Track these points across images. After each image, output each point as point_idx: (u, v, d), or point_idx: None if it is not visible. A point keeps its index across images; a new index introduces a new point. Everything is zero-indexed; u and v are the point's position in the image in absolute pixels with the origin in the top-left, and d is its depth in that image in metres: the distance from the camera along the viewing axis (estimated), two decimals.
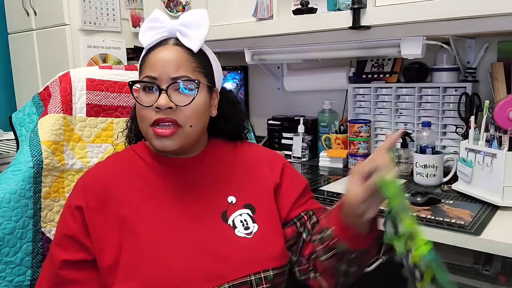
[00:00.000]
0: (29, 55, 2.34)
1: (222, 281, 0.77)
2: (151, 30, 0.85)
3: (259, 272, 0.80)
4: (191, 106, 0.81)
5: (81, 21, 2.11)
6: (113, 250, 0.78)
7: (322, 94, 1.87)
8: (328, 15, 1.37)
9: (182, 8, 1.77)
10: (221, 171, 0.91)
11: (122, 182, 0.85)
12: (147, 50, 0.86)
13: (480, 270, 1.08)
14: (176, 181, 0.86)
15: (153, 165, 0.88)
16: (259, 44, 1.65)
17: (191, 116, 0.82)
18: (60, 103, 1.00)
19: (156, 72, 0.81)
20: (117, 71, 1.10)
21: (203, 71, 0.85)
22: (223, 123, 0.95)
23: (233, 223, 0.84)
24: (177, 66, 0.81)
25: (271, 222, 0.87)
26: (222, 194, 0.87)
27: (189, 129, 0.82)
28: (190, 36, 0.83)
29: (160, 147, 0.82)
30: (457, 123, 1.47)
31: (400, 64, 1.67)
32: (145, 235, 0.79)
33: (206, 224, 0.83)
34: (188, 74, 0.82)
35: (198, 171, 0.89)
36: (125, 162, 0.89)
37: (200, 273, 0.77)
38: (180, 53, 0.83)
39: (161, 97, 0.80)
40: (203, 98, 0.84)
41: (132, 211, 0.81)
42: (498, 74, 1.39)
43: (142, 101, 0.82)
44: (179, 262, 0.77)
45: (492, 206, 1.15)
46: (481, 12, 1.12)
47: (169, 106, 0.79)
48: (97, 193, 0.82)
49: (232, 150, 0.96)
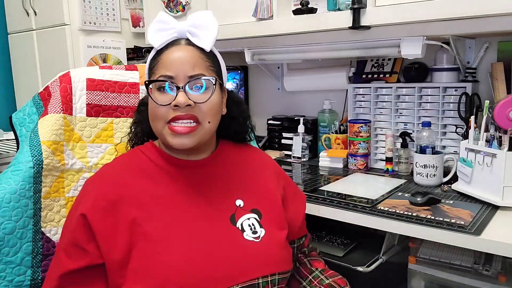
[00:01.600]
0: (29, 55, 2.34)
1: (231, 283, 0.77)
2: (160, 32, 0.86)
3: (266, 276, 0.81)
4: (209, 103, 0.83)
5: (81, 21, 2.11)
6: (123, 251, 0.77)
7: (322, 94, 1.87)
8: (328, 15, 1.37)
9: (182, 8, 1.77)
10: (230, 174, 0.92)
11: (131, 184, 0.84)
12: (158, 51, 0.86)
13: (480, 270, 1.08)
14: (187, 182, 0.86)
15: (163, 166, 0.87)
16: (259, 44, 1.65)
17: (209, 113, 0.83)
18: (60, 103, 1.01)
19: (172, 71, 0.82)
20: (117, 71, 1.10)
21: (215, 70, 0.87)
22: (230, 122, 0.96)
23: (241, 226, 0.85)
24: (193, 65, 0.83)
25: (277, 229, 0.88)
26: (230, 197, 0.88)
27: (207, 126, 0.84)
28: (201, 36, 0.85)
29: (176, 145, 0.82)
30: (457, 123, 1.47)
31: (400, 64, 1.67)
32: (155, 237, 0.79)
33: (216, 226, 0.83)
34: (204, 72, 0.83)
35: (208, 173, 0.89)
36: (134, 164, 0.88)
37: (209, 275, 0.77)
38: (194, 53, 0.84)
39: (180, 95, 0.80)
40: (217, 96, 0.86)
41: (142, 212, 0.81)
42: (498, 74, 1.39)
43: (157, 100, 0.82)
44: (189, 263, 0.77)
45: (492, 206, 1.15)
46: (481, 12, 1.12)
47: (188, 103, 0.80)
48: (107, 195, 0.81)
49: (240, 153, 0.97)
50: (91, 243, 0.78)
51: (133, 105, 1.10)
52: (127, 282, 0.76)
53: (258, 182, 0.94)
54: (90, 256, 0.78)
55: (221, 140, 0.96)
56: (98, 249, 0.78)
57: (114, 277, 0.78)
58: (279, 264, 0.84)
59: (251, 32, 1.57)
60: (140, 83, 1.11)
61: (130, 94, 1.10)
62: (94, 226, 0.79)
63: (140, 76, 1.12)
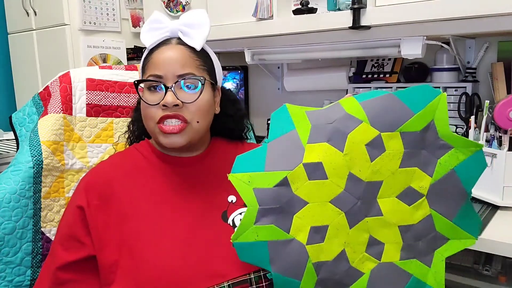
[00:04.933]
0: (29, 55, 2.34)
1: (222, 279, 0.77)
2: (153, 31, 0.86)
3: (258, 271, 0.80)
4: (197, 103, 0.83)
5: (81, 21, 2.11)
6: (114, 248, 0.78)
7: (322, 94, 1.87)
8: (328, 15, 1.37)
9: (182, 8, 1.78)
10: (223, 170, 0.91)
11: (124, 180, 0.85)
12: (150, 50, 0.87)
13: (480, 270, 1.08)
14: (179, 179, 0.87)
15: (156, 164, 0.88)
16: (259, 44, 1.65)
17: (197, 113, 0.83)
18: (60, 103, 1.00)
19: (161, 70, 0.82)
20: (117, 71, 1.10)
21: (206, 69, 0.87)
22: (225, 121, 0.96)
23: (232, 222, 0.85)
24: (182, 64, 0.83)
25: None
26: (223, 193, 0.88)
27: (196, 125, 0.84)
28: (192, 35, 0.85)
29: (167, 144, 0.83)
30: (457, 123, 1.47)
31: (400, 64, 1.67)
32: (146, 233, 0.79)
33: (207, 223, 0.83)
34: (193, 72, 0.83)
35: (201, 170, 0.89)
36: (128, 161, 0.89)
37: (200, 272, 0.77)
38: (184, 52, 0.84)
39: (168, 95, 0.81)
40: (208, 95, 0.86)
41: (134, 209, 0.82)
42: (498, 74, 1.39)
43: (148, 99, 0.83)
44: (180, 260, 0.77)
45: (492, 206, 1.15)
46: (481, 12, 1.12)
47: (175, 103, 0.80)
48: (100, 191, 0.83)
49: (234, 150, 0.97)
50: (87, 236, 0.80)
51: (133, 105, 1.10)
52: (117, 278, 0.77)
53: None
54: (87, 248, 0.80)
55: (213, 138, 0.96)
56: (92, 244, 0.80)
57: (105, 273, 0.78)
58: None
59: (251, 32, 1.57)
60: None
61: (130, 94, 1.10)
62: (88, 220, 0.80)
63: None
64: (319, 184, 0.77)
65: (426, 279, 0.82)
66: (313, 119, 0.79)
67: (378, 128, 0.78)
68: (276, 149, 0.77)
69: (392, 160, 0.78)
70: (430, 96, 0.79)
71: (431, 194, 0.80)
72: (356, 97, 0.81)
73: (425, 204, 0.81)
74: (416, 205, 0.80)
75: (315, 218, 0.77)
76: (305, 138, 0.77)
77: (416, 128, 0.79)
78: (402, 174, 0.79)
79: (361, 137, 0.77)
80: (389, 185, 0.79)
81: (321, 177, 0.77)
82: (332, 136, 0.77)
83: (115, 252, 0.78)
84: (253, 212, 0.74)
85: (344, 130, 0.77)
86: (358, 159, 0.78)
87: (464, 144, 0.80)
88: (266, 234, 0.75)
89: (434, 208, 0.81)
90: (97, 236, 0.80)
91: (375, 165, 0.78)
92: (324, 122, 0.78)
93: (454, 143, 0.80)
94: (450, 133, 0.80)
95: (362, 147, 0.78)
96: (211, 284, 0.76)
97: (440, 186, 0.81)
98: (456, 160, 0.80)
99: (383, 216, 0.80)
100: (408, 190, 0.80)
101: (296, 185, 0.76)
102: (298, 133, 0.77)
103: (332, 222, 0.78)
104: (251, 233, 0.74)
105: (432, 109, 0.79)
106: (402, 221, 0.80)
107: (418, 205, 0.80)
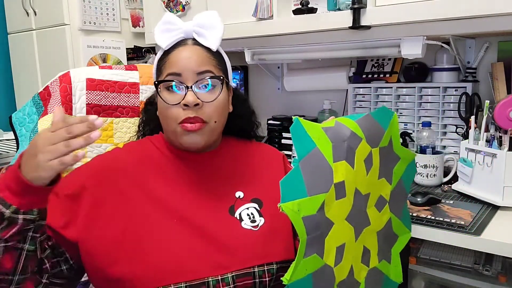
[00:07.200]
0: (29, 55, 2.34)
1: (226, 271, 0.78)
2: (167, 32, 0.87)
3: (262, 265, 0.81)
4: (216, 102, 0.84)
5: (81, 21, 2.11)
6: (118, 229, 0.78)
7: (322, 94, 1.87)
8: (328, 15, 1.37)
9: (182, 8, 1.77)
10: (232, 167, 0.93)
11: (137, 166, 0.87)
12: (165, 51, 0.88)
13: (480, 270, 1.08)
14: (190, 173, 0.88)
15: (168, 156, 0.90)
16: (259, 44, 1.65)
17: (216, 112, 0.85)
18: (60, 103, 1.00)
19: (180, 69, 0.83)
20: (117, 71, 1.10)
21: (221, 68, 0.89)
22: (236, 120, 0.97)
23: (239, 216, 0.86)
24: (200, 63, 0.84)
25: (279, 218, 0.87)
26: (231, 189, 0.89)
27: (214, 125, 0.85)
28: (207, 36, 0.87)
29: (188, 143, 0.84)
30: (457, 123, 1.47)
31: (400, 64, 1.67)
32: (153, 218, 0.80)
33: (214, 216, 0.84)
34: (212, 70, 0.85)
35: (211, 166, 0.91)
36: (142, 149, 0.91)
37: (204, 262, 0.78)
38: (201, 51, 0.86)
39: (188, 94, 0.82)
40: (224, 95, 0.87)
41: (143, 193, 0.83)
42: (498, 74, 1.39)
43: (167, 99, 0.84)
44: (184, 248, 0.78)
45: (492, 206, 1.15)
46: (481, 12, 1.12)
47: (196, 102, 0.82)
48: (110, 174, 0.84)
49: (243, 148, 0.99)
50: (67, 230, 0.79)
51: (133, 105, 1.10)
52: (120, 260, 0.77)
53: (262, 174, 0.95)
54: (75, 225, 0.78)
55: (224, 137, 0.97)
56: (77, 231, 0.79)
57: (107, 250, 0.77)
58: (277, 253, 0.84)
59: (251, 32, 1.57)
60: (140, 83, 1.11)
61: (130, 94, 1.10)
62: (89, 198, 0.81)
63: (140, 76, 1.12)
64: (341, 203, 0.77)
65: (390, 274, 0.94)
66: (331, 137, 0.78)
67: (370, 145, 0.84)
68: (308, 170, 0.73)
69: (375, 173, 0.86)
70: (389, 115, 0.91)
71: (391, 200, 0.92)
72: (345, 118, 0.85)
73: (387, 209, 0.91)
74: (383, 211, 0.90)
75: (337, 238, 0.77)
76: (330, 157, 0.76)
77: (386, 143, 0.89)
78: (377, 185, 0.88)
79: (361, 153, 0.81)
80: (373, 196, 0.87)
81: (342, 195, 0.77)
82: (348, 154, 0.79)
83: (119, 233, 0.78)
84: (302, 245, 0.71)
85: (353, 147, 0.80)
86: (360, 174, 0.81)
87: (406, 155, 0.95)
88: (312, 265, 0.72)
89: (392, 211, 0.93)
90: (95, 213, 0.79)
91: (368, 178, 0.84)
92: (340, 140, 0.79)
93: (401, 154, 0.94)
94: (400, 146, 0.94)
95: (362, 163, 0.82)
96: (214, 274, 0.77)
97: (395, 192, 0.93)
98: (402, 168, 0.95)
99: (371, 225, 0.86)
100: (380, 198, 0.89)
101: (328, 207, 0.75)
102: (321, 151, 0.76)
103: (347, 239, 0.79)
104: (302, 269, 0.71)
105: (392, 126, 0.91)
106: (378, 227, 0.89)
107: (385, 211, 0.91)
